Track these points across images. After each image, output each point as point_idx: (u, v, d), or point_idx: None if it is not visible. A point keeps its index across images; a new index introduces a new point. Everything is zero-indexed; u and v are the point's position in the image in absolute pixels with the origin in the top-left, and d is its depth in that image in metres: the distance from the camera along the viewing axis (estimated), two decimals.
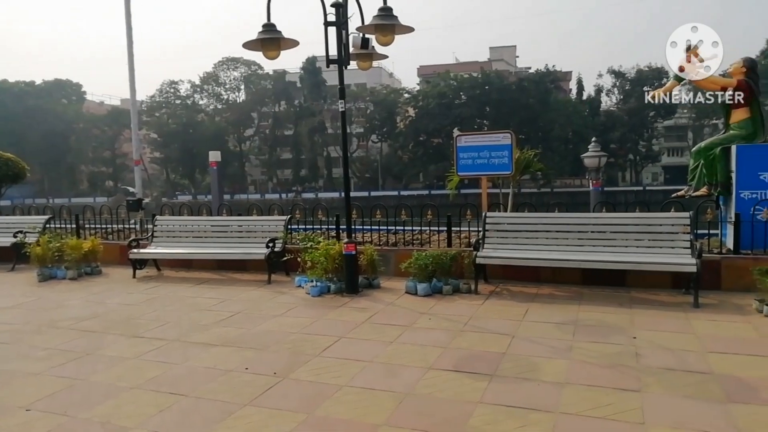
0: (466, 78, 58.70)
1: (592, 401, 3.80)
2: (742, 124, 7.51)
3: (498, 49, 71.68)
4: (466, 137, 8.80)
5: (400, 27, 6.51)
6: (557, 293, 6.95)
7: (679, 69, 7.81)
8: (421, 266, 7.06)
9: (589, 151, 12.74)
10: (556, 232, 7.45)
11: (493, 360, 4.65)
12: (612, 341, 5.05)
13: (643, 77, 55.65)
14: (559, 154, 53.88)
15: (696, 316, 5.73)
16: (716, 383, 4.03)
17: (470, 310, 6.27)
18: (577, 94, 62.88)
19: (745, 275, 6.22)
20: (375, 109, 62.81)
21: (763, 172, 6.99)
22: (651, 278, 6.89)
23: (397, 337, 5.37)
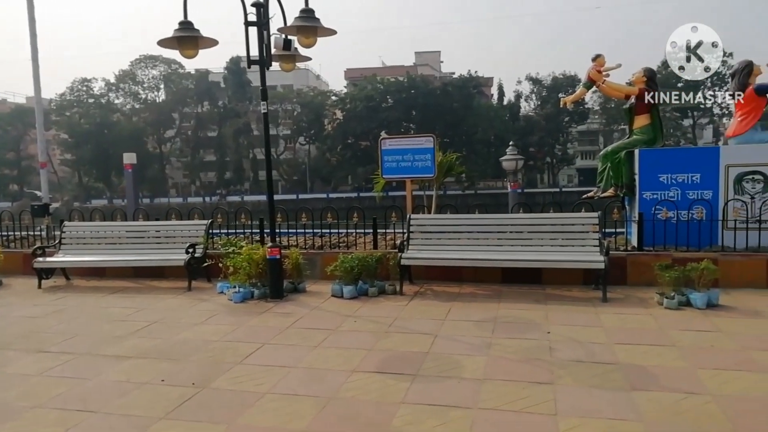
0: (393, 82, 59.46)
1: (509, 395, 3.95)
2: (644, 130, 8.09)
3: (423, 54, 73.16)
4: (390, 141, 8.91)
5: (323, 29, 6.49)
6: (478, 292, 7.17)
7: (588, 78, 8.31)
8: (347, 269, 7.06)
9: (507, 155, 13.27)
10: (477, 233, 7.69)
11: (416, 360, 4.73)
12: (528, 337, 5.28)
13: (558, 84, 58.67)
14: (482, 156, 55.69)
15: (604, 310, 6.10)
16: (621, 373, 4.31)
17: (395, 311, 6.34)
18: (498, 99, 65.35)
19: (648, 270, 6.69)
20: (302, 111, 62.26)
21: (663, 174, 7.56)
22: (564, 275, 7.26)
23: (322, 341, 5.34)
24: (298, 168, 66.83)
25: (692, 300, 6.03)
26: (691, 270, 6.12)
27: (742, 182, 7.22)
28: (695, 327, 5.40)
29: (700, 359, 4.53)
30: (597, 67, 8.12)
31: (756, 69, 7.58)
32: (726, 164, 7.30)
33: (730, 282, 6.70)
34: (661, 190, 7.53)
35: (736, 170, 7.25)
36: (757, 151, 7.26)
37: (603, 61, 8.15)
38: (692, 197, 7.38)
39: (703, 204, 7.26)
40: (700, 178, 7.38)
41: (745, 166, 7.22)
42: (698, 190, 7.39)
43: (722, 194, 7.30)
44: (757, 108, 7.56)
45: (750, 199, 7.14)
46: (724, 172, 7.30)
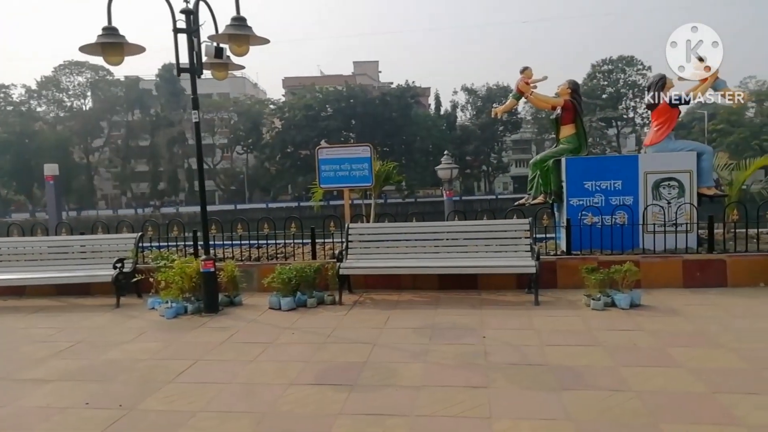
0: (332, 91, 59.45)
1: (445, 401, 4.01)
2: (569, 139, 8.47)
3: (362, 64, 73.66)
4: (327, 150, 8.90)
5: (255, 38, 6.40)
6: (417, 299, 7.25)
7: (517, 90, 8.63)
8: (284, 280, 6.97)
9: (442, 164, 13.54)
10: (415, 241, 7.79)
11: (354, 370, 4.71)
12: (464, 342, 5.38)
13: (492, 95, 60.57)
14: (421, 165, 56.52)
15: (536, 313, 6.31)
16: (551, 374, 4.47)
17: (334, 321, 6.31)
18: (435, 109, 66.62)
19: (576, 274, 6.99)
20: (239, 120, 61.08)
21: (588, 182, 7.94)
22: (499, 280, 7.47)
23: (259, 354, 5.23)
24: (236, 178, 65.43)
25: (617, 301, 6.35)
26: (614, 272, 6.45)
27: (660, 188, 7.69)
28: (619, 327, 5.68)
29: (623, 358, 4.76)
30: (525, 79, 8.46)
31: (669, 82, 8.12)
32: (645, 171, 7.76)
33: (650, 282, 7.12)
34: (587, 197, 7.91)
35: (653, 177, 7.72)
36: (672, 159, 7.77)
37: (530, 74, 8.49)
38: (615, 203, 7.79)
39: (625, 209, 7.67)
40: (622, 185, 7.81)
41: (661, 173, 7.69)
42: (620, 196, 7.81)
43: (642, 200, 7.74)
44: (670, 119, 8.09)
45: (667, 204, 7.61)
46: (643, 179, 7.75)
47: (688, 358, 4.69)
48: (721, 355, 4.75)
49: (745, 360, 4.58)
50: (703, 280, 7.10)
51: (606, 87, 60.22)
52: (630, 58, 59.28)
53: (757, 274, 7.07)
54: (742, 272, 7.09)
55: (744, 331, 5.33)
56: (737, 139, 53.83)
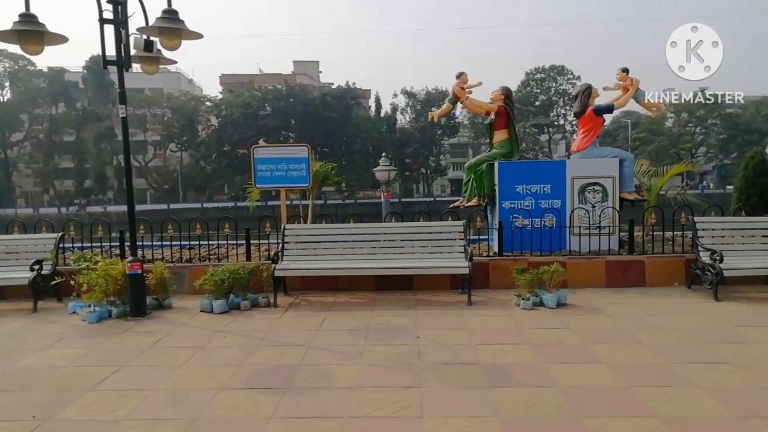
0: (271, 90, 58.51)
1: (378, 402, 4.02)
2: (502, 144, 8.73)
3: (302, 64, 72.94)
4: (263, 149, 8.74)
5: (188, 32, 6.20)
6: (353, 301, 7.24)
7: (453, 94, 8.80)
8: (217, 282, 6.78)
9: (380, 165, 13.62)
10: (353, 242, 7.78)
11: (287, 373, 4.65)
12: (399, 342, 5.43)
13: (431, 98, 61.55)
14: (361, 167, 56.62)
15: (469, 313, 6.46)
16: (482, 372, 4.58)
17: (268, 324, 6.20)
18: (375, 111, 66.96)
19: (508, 274, 7.21)
20: (173, 116, 59.02)
21: (519, 185, 8.21)
22: (434, 281, 7.59)
23: (188, 359, 5.06)
24: (169, 176, 63.10)
25: (545, 300, 6.60)
26: (543, 273, 6.70)
27: (585, 192, 8.06)
28: (547, 325, 5.90)
29: (549, 355, 4.95)
30: (461, 84, 8.65)
31: (594, 92, 8.55)
32: (572, 176, 8.11)
33: (576, 282, 7.45)
34: (518, 200, 8.18)
35: (580, 182, 8.08)
36: (596, 165, 8.16)
37: (466, 79, 8.69)
38: (544, 206, 8.10)
39: (553, 212, 7.99)
40: (551, 189, 8.13)
41: (587, 178, 8.07)
42: (549, 199, 8.13)
43: (569, 203, 8.09)
44: (595, 126, 8.51)
45: (591, 208, 7.99)
46: (570, 184, 8.10)
47: (608, 354, 4.94)
48: (638, 350, 5.03)
49: (659, 355, 4.88)
50: (624, 280, 7.51)
51: (539, 94, 62.58)
52: (561, 68, 61.90)
53: (672, 274, 7.55)
54: (658, 272, 7.55)
55: (659, 328, 5.67)
56: (657, 147, 57.36)
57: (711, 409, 3.78)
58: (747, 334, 5.37)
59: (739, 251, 7.18)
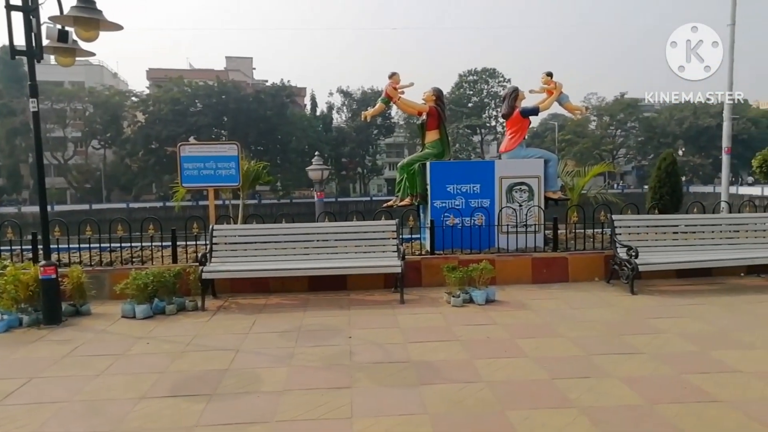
0: (202, 86, 56.64)
1: (307, 404, 3.97)
2: (434, 144, 8.87)
3: (235, 60, 71.08)
4: (190, 147, 8.44)
5: (106, 23, 5.88)
6: (285, 302, 7.13)
7: (386, 94, 8.83)
8: (140, 286, 6.47)
9: (313, 165, 13.51)
10: (285, 243, 7.65)
11: (214, 378, 4.51)
12: (331, 343, 5.39)
13: (367, 98, 61.63)
14: (296, 166, 55.88)
15: (401, 312, 6.51)
16: (413, 370, 4.62)
17: (195, 328, 5.99)
18: (311, 109, 66.30)
19: (439, 272, 7.32)
20: (96, 112, 55.86)
21: (450, 185, 8.36)
22: (367, 280, 7.60)
23: (107, 368, 4.80)
24: (92, 175, 59.70)
25: (474, 297, 6.76)
26: (472, 270, 6.86)
27: (513, 192, 8.33)
28: (476, 321, 6.04)
29: (477, 351, 5.07)
30: (393, 84, 8.70)
31: (521, 94, 8.84)
32: (500, 176, 8.35)
33: (504, 279, 7.68)
34: (449, 199, 8.33)
35: (507, 181, 8.34)
36: (523, 165, 8.45)
37: (398, 79, 8.75)
38: (474, 205, 8.30)
39: (482, 211, 8.19)
40: (480, 188, 8.34)
41: (514, 178, 8.34)
42: (479, 198, 8.34)
43: (498, 202, 8.33)
44: (522, 128, 8.81)
45: (519, 207, 8.26)
46: (498, 183, 8.34)
47: (533, 348, 5.12)
48: (560, 344, 5.24)
49: (580, 347, 5.11)
50: (549, 276, 7.82)
51: (471, 96, 64.11)
52: (493, 71, 63.73)
53: (593, 269, 7.93)
54: (580, 268, 7.91)
55: (580, 322, 5.94)
56: (582, 148, 60.22)
57: (625, 398, 3.99)
58: (658, 326, 5.72)
59: (653, 247, 7.64)
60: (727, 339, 5.26)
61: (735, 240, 7.83)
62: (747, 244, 7.76)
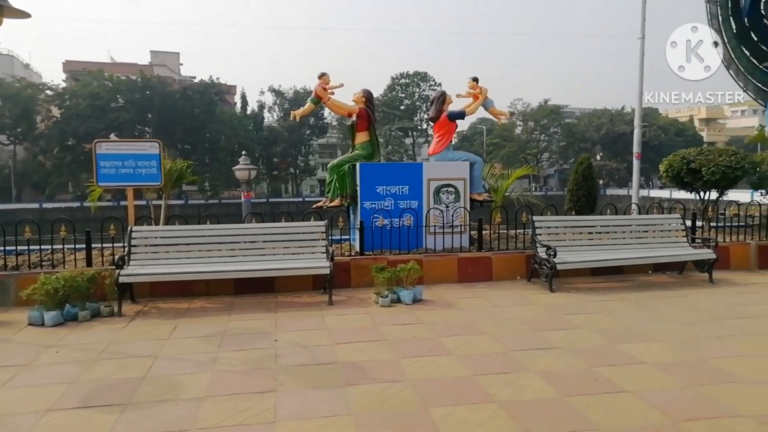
0: (125, 80, 53.92)
1: (229, 410, 3.87)
2: (364, 146, 8.90)
3: (160, 54, 68.25)
4: (107, 144, 8.02)
5: (10, 9, 5.46)
6: (209, 306, 6.92)
7: (315, 95, 8.76)
8: (49, 291, 6.07)
9: (240, 164, 13.21)
10: (210, 244, 7.42)
11: (129, 387, 4.30)
12: (256, 347, 5.29)
13: (299, 98, 60.93)
14: (226, 165, 54.25)
15: (329, 313, 6.49)
16: (339, 371, 4.61)
17: (110, 335, 5.69)
18: (241, 108, 64.74)
19: (368, 273, 7.35)
20: (5, 105, 51.87)
21: (379, 186, 8.42)
22: (296, 282, 7.52)
23: (9, 380, 4.46)
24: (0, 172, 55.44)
25: (401, 297, 6.85)
26: (400, 271, 6.95)
27: (440, 194, 8.51)
28: (403, 321, 6.12)
29: (403, 350, 5.14)
30: (323, 85, 8.65)
31: (448, 98, 9.05)
32: (428, 178, 8.51)
33: (431, 279, 7.83)
34: (379, 200, 8.39)
35: (435, 183, 8.50)
36: (450, 168, 8.65)
37: (328, 80, 8.71)
38: (403, 206, 8.40)
39: (411, 212, 8.31)
40: (409, 190, 8.46)
41: (441, 180, 8.52)
42: (407, 200, 8.45)
43: (425, 204, 8.47)
44: (449, 131, 9.02)
45: (445, 208, 8.45)
46: (426, 185, 8.49)
47: (457, 345, 5.24)
48: (483, 341, 5.41)
49: (501, 344, 5.29)
50: (474, 275, 8.04)
51: (403, 99, 64.90)
52: (424, 74, 64.79)
53: (515, 268, 8.24)
54: (504, 267, 8.19)
55: (502, 319, 6.15)
56: (508, 152, 62.47)
57: (541, 391, 4.17)
58: (573, 321, 6.03)
59: (570, 247, 8.03)
60: (633, 333, 5.62)
61: (644, 240, 8.38)
62: (654, 243, 8.33)
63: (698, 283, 7.95)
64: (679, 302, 6.91)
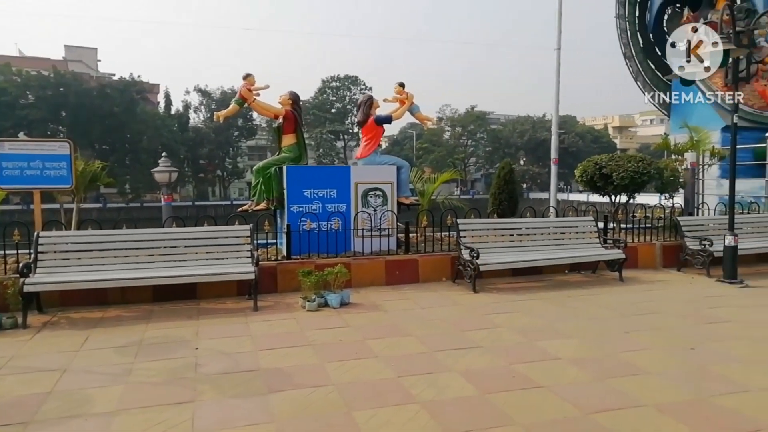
0: (35, 75, 50.31)
1: (144, 423, 3.70)
2: (291, 148, 8.79)
3: (76, 50, 64.26)
4: (11, 144, 7.45)
5: None
6: (125, 314, 6.58)
7: (240, 96, 8.55)
8: None
9: (159, 166, 12.69)
10: (126, 250, 7.07)
11: (33, 403, 4.01)
12: (175, 356, 5.09)
13: (227, 98, 59.27)
14: (148, 167, 51.77)
15: (254, 319, 6.35)
16: (261, 378, 4.52)
17: (13, 348, 5.29)
18: (165, 107, 62.15)
19: (295, 277, 7.26)
20: None
21: (307, 189, 8.34)
22: (219, 288, 7.30)
23: None
24: None
25: (329, 301, 6.82)
26: (328, 274, 6.91)
27: (368, 197, 8.54)
28: (329, 325, 6.09)
29: (329, 354, 5.11)
30: (248, 86, 8.46)
31: (375, 103, 9.13)
32: (356, 181, 8.52)
33: (359, 282, 7.85)
34: (306, 204, 8.31)
35: (363, 187, 8.53)
36: (377, 172, 8.71)
37: (253, 80, 8.53)
38: (331, 210, 8.37)
39: (339, 215, 8.30)
40: (337, 193, 8.43)
41: (369, 184, 8.55)
42: (335, 203, 8.42)
43: (353, 207, 8.48)
44: (377, 135, 9.09)
45: (373, 211, 8.50)
46: (354, 189, 8.50)
47: (382, 347, 5.29)
48: (408, 342, 5.48)
49: (425, 345, 5.38)
50: (401, 278, 8.14)
51: (334, 102, 64.79)
52: (355, 78, 65.00)
53: (441, 270, 8.42)
54: (430, 269, 8.35)
55: (427, 320, 6.26)
56: (437, 156, 63.74)
57: (462, 390, 4.28)
58: (494, 320, 6.24)
59: (493, 248, 8.31)
60: (550, 330, 5.89)
61: (561, 241, 8.80)
62: (570, 244, 8.77)
63: (609, 282, 8.45)
64: (592, 300, 7.31)
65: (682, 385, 4.40)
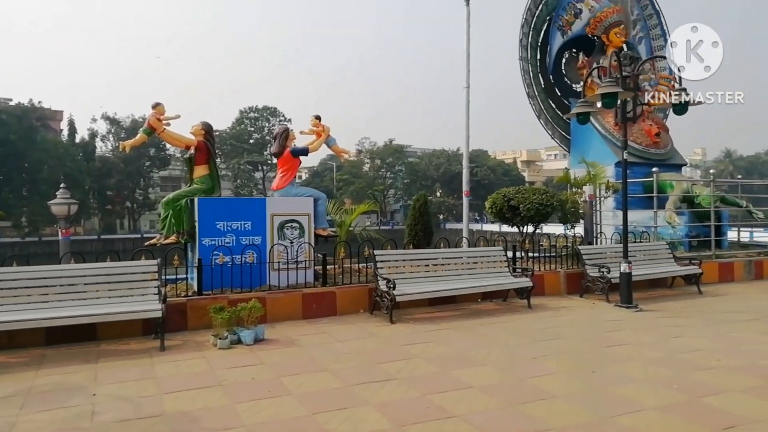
0: None
1: None
2: (203, 179, 8.54)
3: None
4: None
5: None
6: (12, 360, 6.00)
7: (149, 125, 8.24)
8: None
9: (57, 198, 11.88)
10: (15, 289, 6.49)
11: None
12: (68, 405, 4.68)
13: (138, 126, 56.82)
14: (48, 198, 48.14)
15: (160, 360, 5.99)
16: (166, 424, 4.25)
17: None
18: (69, 136, 58.49)
19: (207, 314, 6.95)
20: None
21: (220, 222, 8.09)
22: (123, 327, 6.85)
23: None
24: None
25: (242, 337, 6.58)
26: (241, 310, 6.69)
27: (284, 229, 8.43)
28: (242, 363, 5.87)
29: (240, 394, 4.91)
30: (157, 115, 8.18)
31: (291, 134, 9.11)
32: (271, 213, 8.39)
33: (275, 316, 7.66)
34: (219, 237, 8.06)
35: (279, 219, 8.41)
36: (294, 203, 8.64)
37: (163, 110, 8.26)
38: (245, 242, 8.16)
39: (254, 248, 8.11)
40: (251, 226, 8.25)
41: (285, 215, 8.45)
42: (250, 236, 8.23)
43: (269, 239, 8.32)
44: (293, 167, 9.05)
45: (290, 244, 8.39)
46: (270, 221, 8.36)
47: (297, 384, 5.15)
48: (323, 377, 5.38)
49: (341, 379, 5.31)
50: (319, 311, 8.03)
51: (253, 133, 63.93)
52: (274, 109, 64.62)
53: (359, 302, 8.40)
54: (348, 301, 8.30)
55: (343, 354, 6.20)
56: (357, 188, 64.27)
57: (378, 423, 4.25)
58: (410, 351, 6.28)
59: (409, 279, 8.42)
60: (463, 359, 6.02)
61: (473, 270, 9.08)
62: (482, 273, 9.07)
63: (519, 309, 8.80)
64: (503, 327, 7.57)
65: (584, 407, 4.62)
